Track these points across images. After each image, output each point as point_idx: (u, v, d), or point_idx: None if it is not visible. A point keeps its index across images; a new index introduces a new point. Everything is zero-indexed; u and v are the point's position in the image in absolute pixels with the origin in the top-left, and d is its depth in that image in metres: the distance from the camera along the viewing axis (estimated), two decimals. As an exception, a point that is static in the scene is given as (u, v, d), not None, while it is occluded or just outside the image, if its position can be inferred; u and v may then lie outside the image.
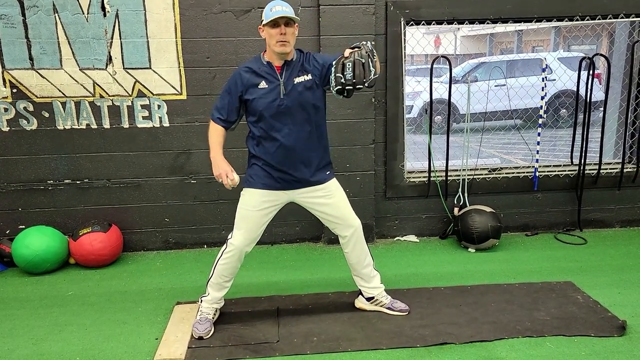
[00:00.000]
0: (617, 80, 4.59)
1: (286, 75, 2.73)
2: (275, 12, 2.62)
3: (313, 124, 2.81)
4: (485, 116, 5.04)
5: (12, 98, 3.88)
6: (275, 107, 2.72)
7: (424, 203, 4.38)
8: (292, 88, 2.72)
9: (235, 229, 2.89)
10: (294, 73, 2.74)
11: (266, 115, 2.73)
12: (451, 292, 3.40)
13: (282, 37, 2.63)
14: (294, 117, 2.75)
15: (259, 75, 2.73)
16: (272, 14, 2.62)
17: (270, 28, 2.65)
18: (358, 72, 2.51)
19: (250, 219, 2.86)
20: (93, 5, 3.79)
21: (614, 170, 4.46)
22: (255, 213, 2.85)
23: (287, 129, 2.75)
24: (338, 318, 3.09)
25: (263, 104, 2.72)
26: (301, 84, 2.74)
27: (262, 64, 2.76)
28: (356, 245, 3.01)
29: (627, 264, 3.81)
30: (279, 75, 2.73)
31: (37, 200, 4.06)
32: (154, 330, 3.02)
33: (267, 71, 2.74)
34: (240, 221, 2.88)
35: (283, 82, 2.72)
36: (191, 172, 4.14)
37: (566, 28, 4.53)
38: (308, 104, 2.76)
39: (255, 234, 2.90)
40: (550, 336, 2.84)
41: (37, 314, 3.25)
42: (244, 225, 2.87)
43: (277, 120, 2.74)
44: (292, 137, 2.76)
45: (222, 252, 2.93)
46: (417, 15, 4.00)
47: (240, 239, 2.87)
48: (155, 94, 3.97)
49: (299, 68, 2.76)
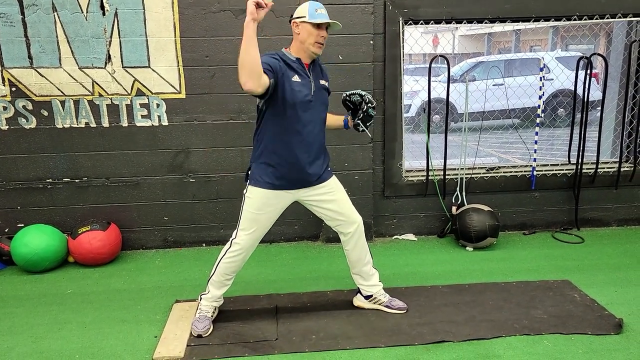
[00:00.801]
0: (614, 80, 4.61)
1: (313, 74, 2.81)
2: (321, 14, 2.70)
3: (325, 124, 2.94)
4: (483, 115, 5.05)
5: (11, 96, 3.88)
6: (307, 102, 2.76)
7: (422, 202, 4.39)
8: (319, 87, 2.82)
9: (240, 230, 2.89)
10: (317, 74, 2.84)
11: (297, 107, 2.73)
12: (449, 290, 3.42)
13: (322, 39, 2.73)
14: (316, 114, 2.83)
15: (292, 68, 2.74)
16: (318, 15, 2.69)
17: (313, 28, 2.69)
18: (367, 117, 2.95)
19: (257, 222, 2.87)
20: (92, 4, 3.79)
21: (611, 169, 4.49)
22: (262, 216, 2.86)
23: (311, 125, 2.80)
24: (337, 316, 3.10)
25: (297, 96, 2.71)
26: (324, 86, 2.87)
27: (290, 59, 2.75)
28: (358, 242, 3.03)
29: (624, 262, 3.83)
30: (309, 72, 2.79)
31: (36, 199, 4.07)
32: (153, 328, 3.03)
33: (298, 67, 2.75)
34: (246, 223, 2.87)
35: (312, 79, 2.79)
36: (190, 170, 4.14)
37: (564, 28, 4.54)
38: (325, 105, 2.90)
39: (260, 234, 2.92)
40: (547, 334, 2.86)
41: (37, 312, 3.25)
42: (250, 228, 2.87)
43: (305, 115, 2.77)
44: (314, 133, 2.82)
45: (225, 250, 2.93)
46: (415, 15, 4.01)
47: (247, 240, 2.88)
48: (154, 93, 3.98)
49: (320, 71, 2.88)
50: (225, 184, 4.18)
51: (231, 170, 4.16)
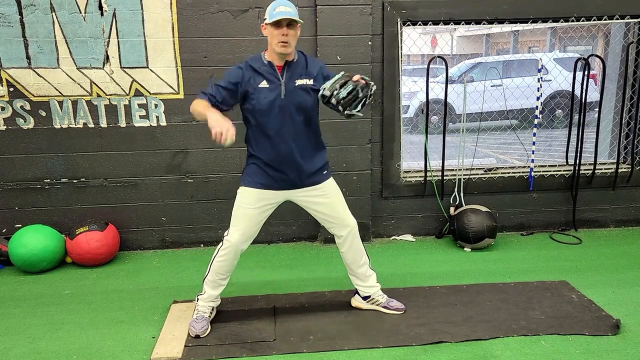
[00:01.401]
0: (612, 81, 4.62)
1: (287, 75, 2.74)
2: (278, 12, 2.62)
3: (309, 125, 2.83)
4: (481, 116, 5.06)
5: (9, 97, 3.87)
6: (275, 107, 2.72)
7: (420, 202, 4.40)
8: (293, 89, 2.74)
9: (231, 226, 2.90)
10: (295, 74, 2.75)
11: (265, 114, 2.73)
12: (447, 291, 3.42)
13: (283, 37, 2.64)
14: (292, 118, 2.75)
15: (260, 74, 2.73)
16: (276, 14, 2.62)
17: (272, 28, 2.65)
18: (349, 99, 2.58)
19: (247, 217, 2.87)
20: (90, 5, 3.79)
21: (608, 170, 4.49)
22: (252, 211, 2.86)
23: (285, 129, 2.75)
24: (334, 317, 3.10)
25: (263, 103, 2.72)
26: (302, 86, 2.76)
27: (262, 63, 2.75)
28: (352, 245, 3.03)
29: (622, 263, 3.83)
30: (280, 76, 2.74)
31: (33, 199, 4.06)
32: (150, 328, 3.03)
33: (268, 71, 2.73)
34: (236, 219, 2.89)
35: (284, 82, 2.73)
36: (188, 171, 4.14)
37: (562, 29, 4.55)
38: (306, 106, 2.78)
39: (251, 231, 2.91)
40: (545, 335, 2.86)
41: (34, 312, 3.25)
42: (240, 223, 2.88)
43: (276, 120, 2.74)
44: (289, 137, 2.77)
45: (218, 249, 2.94)
46: (413, 16, 4.02)
47: (237, 236, 2.87)
48: (152, 93, 3.98)
49: (301, 70, 2.77)
50: (224, 185, 4.18)
51: (229, 171, 4.16)
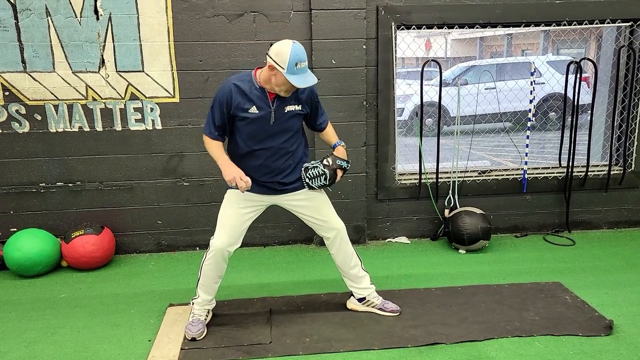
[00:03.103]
0: (604, 84, 4.67)
1: (278, 103, 2.74)
2: (300, 70, 2.55)
3: (294, 144, 2.87)
4: (475, 119, 5.10)
5: (4, 101, 3.87)
6: (262, 132, 2.75)
7: (414, 205, 4.42)
8: (282, 115, 2.76)
9: (217, 229, 2.91)
10: (285, 102, 2.75)
11: (253, 137, 2.77)
12: (442, 292, 3.44)
13: (292, 88, 2.65)
14: (278, 140, 2.79)
15: (250, 100, 2.70)
16: (298, 71, 2.55)
17: (286, 79, 2.56)
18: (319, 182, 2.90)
19: (231, 218, 2.89)
20: (86, 9, 3.80)
21: (601, 172, 4.54)
22: (236, 211, 2.88)
23: (272, 151, 2.80)
24: (330, 319, 3.12)
25: (251, 128, 2.74)
26: (291, 112, 2.78)
27: (254, 86, 2.71)
28: (340, 247, 3.05)
29: (615, 264, 3.87)
30: (271, 103, 2.72)
31: (29, 203, 4.06)
32: (146, 332, 3.04)
33: (259, 97, 2.71)
34: (221, 221, 2.91)
35: (274, 109, 2.73)
36: (184, 174, 4.15)
37: (555, 32, 4.58)
38: (293, 129, 2.84)
39: (237, 233, 2.90)
40: (539, 336, 2.89)
41: (30, 316, 3.25)
42: (225, 225, 2.89)
43: (263, 142, 2.78)
44: (275, 157, 2.81)
45: (205, 253, 2.96)
46: (407, 20, 4.05)
47: (222, 239, 2.88)
48: (148, 97, 3.99)
49: (292, 97, 2.76)
50: (219, 188, 4.16)
51: (225, 174, 4.17)
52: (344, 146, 3.03)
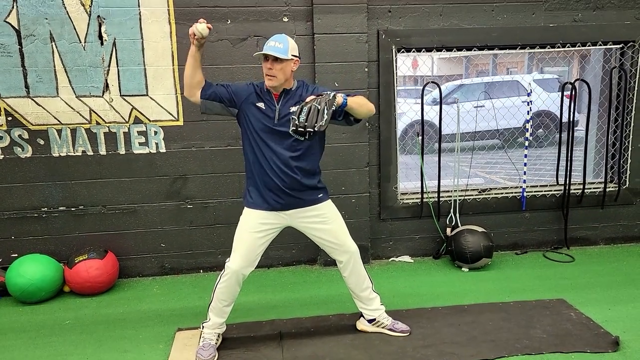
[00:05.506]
0: (594, 103, 4.79)
1: (283, 102, 2.83)
2: (266, 47, 2.75)
3: (301, 148, 2.86)
4: (468, 136, 5.19)
5: (7, 126, 3.86)
6: (268, 129, 2.82)
7: (417, 224, 4.47)
8: (286, 115, 2.81)
9: (233, 252, 2.93)
10: (290, 102, 2.84)
11: (259, 135, 2.83)
12: (449, 311, 3.47)
13: (269, 71, 2.76)
14: (284, 141, 2.82)
15: (260, 97, 2.86)
16: (264, 48, 2.76)
17: (262, 61, 2.79)
18: (311, 117, 2.61)
19: (247, 241, 2.90)
20: (90, 34, 3.83)
21: (597, 189, 4.64)
22: (251, 235, 2.90)
23: (278, 151, 2.82)
24: (341, 340, 3.12)
25: (258, 123, 2.83)
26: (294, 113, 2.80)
27: (263, 89, 2.88)
28: (353, 270, 3.07)
29: (615, 280, 3.94)
30: (276, 102, 2.84)
31: (30, 228, 4.02)
32: (157, 357, 3.01)
33: (266, 97, 2.85)
34: (237, 244, 2.93)
35: (278, 108, 2.82)
36: (187, 197, 4.15)
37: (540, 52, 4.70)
38: None
39: (252, 256, 2.92)
40: (548, 353, 2.92)
41: (36, 344, 3.20)
42: (240, 248, 2.91)
43: (269, 142, 2.82)
44: (282, 160, 2.82)
45: (220, 275, 2.96)
46: (407, 43, 4.14)
47: (238, 262, 2.89)
48: (151, 120, 4.00)
49: (297, 98, 2.85)
50: (223, 210, 4.20)
51: (229, 196, 4.18)
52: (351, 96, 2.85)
